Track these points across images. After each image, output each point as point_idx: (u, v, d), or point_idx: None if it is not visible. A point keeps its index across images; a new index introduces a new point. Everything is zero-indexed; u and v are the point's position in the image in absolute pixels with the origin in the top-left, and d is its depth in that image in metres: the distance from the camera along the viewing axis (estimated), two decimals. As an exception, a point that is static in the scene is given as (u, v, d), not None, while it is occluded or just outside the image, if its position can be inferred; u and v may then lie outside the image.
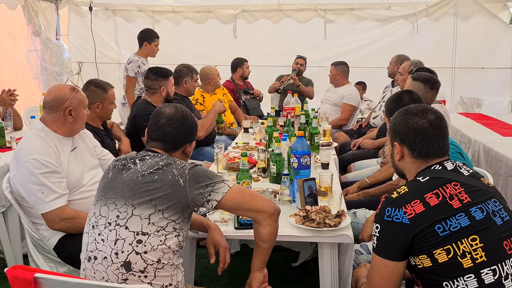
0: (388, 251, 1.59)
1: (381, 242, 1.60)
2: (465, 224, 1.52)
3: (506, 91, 6.98)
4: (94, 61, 7.05)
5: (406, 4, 6.88)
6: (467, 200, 1.56)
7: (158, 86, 3.77)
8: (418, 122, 1.72)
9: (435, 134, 1.71)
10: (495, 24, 6.74)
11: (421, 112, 1.75)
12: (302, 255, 3.32)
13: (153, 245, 1.70)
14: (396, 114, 1.82)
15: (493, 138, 4.27)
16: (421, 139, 1.70)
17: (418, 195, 1.58)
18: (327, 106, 5.62)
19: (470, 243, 1.51)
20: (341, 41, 7.07)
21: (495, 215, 1.57)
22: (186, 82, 4.29)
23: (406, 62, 4.45)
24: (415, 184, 1.65)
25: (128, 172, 1.80)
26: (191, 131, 1.99)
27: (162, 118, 1.93)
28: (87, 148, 2.60)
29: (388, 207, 1.59)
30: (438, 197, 1.56)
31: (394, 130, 1.79)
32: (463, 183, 1.61)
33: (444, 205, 1.55)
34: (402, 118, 1.77)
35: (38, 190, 2.21)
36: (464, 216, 1.54)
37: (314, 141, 3.63)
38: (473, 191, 1.60)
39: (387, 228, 1.58)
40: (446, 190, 1.58)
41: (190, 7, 7.18)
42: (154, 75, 3.80)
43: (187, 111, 2.00)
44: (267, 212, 1.81)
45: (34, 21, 6.48)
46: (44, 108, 2.44)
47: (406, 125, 1.74)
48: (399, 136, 1.76)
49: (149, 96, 3.81)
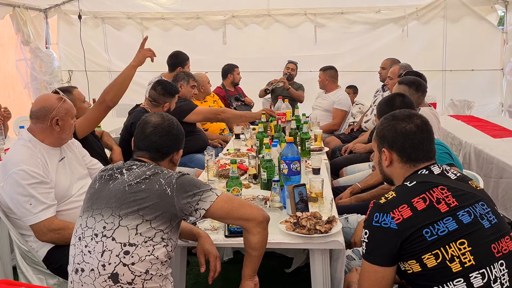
0: (377, 257, 1.58)
1: (370, 247, 1.60)
2: (453, 228, 1.53)
3: (496, 92, 7.03)
4: (84, 69, 7.03)
5: (396, 8, 6.92)
6: (454, 204, 1.56)
7: (163, 102, 3.72)
8: (406, 127, 1.72)
9: (423, 138, 1.72)
10: (484, 27, 6.80)
11: (408, 117, 1.75)
12: (295, 261, 3.31)
13: (140, 256, 1.68)
14: (382, 120, 1.82)
15: (484, 140, 4.29)
16: (410, 143, 1.71)
17: (405, 200, 1.58)
18: (319, 112, 5.62)
19: (458, 247, 1.51)
20: (331, 45, 7.09)
21: (483, 218, 1.58)
22: (181, 86, 4.28)
23: (395, 66, 4.46)
24: (402, 189, 1.65)
25: (115, 182, 1.79)
26: (178, 140, 1.98)
27: (148, 127, 1.92)
28: (75, 157, 2.58)
29: (376, 213, 1.59)
30: (426, 201, 1.56)
31: (381, 136, 1.78)
32: (450, 187, 1.61)
33: (432, 209, 1.55)
34: (389, 124, 1.77)
35: (26, 202, 2.18)
36: (452, 220, 1.54)
37: (305, 146, 3.62)
38: (460, 195, 1.60)
39: (376, 233, 1.58)
40: (433, 194, 1.58)
41: (179, 13, 7.18)
42: (163, 90, 3.74)
43: (173, 120, 1.98)
44: (256, 220, 1.80)
45: (23, 30, 6.45)
46: (31, 118, 2.41)
47: (394, 131, 1.74)
48: (387, 142, 1.76)
49: (150, 107, 3.76)
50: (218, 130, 5.20)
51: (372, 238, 1.59)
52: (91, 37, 7.21)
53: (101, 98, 3.10)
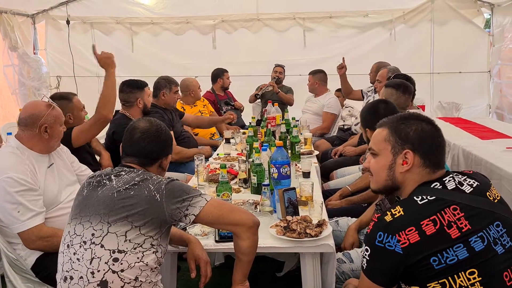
0: (379, 276, 1.49)
1: (371, 266, 1.49)
2: (463, 257, 1.40)
3: (483, 94, 7.11)
4: (73, 75, 6.98)
5: (383, 12, 6.98)
6: (466, 228, 1.43)
7: (134, 99, 3.71)
8: (426, 128, 1.60)
9: (443, 140, 1.61)
10: (470, 29, 6.89)
11: (426, 119, 1.64)
12: (287, 264, 3.31)
13: (130, 263, 1.67)
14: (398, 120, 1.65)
15: (472, 142, 4.33)
16: (436, 146, 1.59)
17: (414, 222, 1.44)
18: (308, 115, 5.63)
19: (467, 276, 1.40)
20: (320, 49, 7.12)
21: (496, 244, 1.45)
22: (164, 95, 4.24)
23: (383, 69, 4.49)
24: (411, 207, 1.49)
25: (103, 189, 1.77)
26: (166, 145, 1.97)
27: (136, 132, 1.91)
28: (64, 164, 2.56)
29: (380, 232, 1.46)
30: (436, 224, 1.43)
31: (404, 137, 1.60)
32: (463, 205, 1.47)
33: (442, 235, 1.42)
34: (413, 123, 1.61)
35: (13, 209, 2.16)
36: (463, 247, 1.41)
37: (295, 150, 3.63)
38: (474, 215, 1.46)
39: (379, 254, 1.46)
40: (445, 216, 1.44)
41: (168, 18, 7.17)
42: (128, 87, 3.73)
43: (161, 125, 1.98)
44: (246, 225, 1.79)
45: (10, 36, 6.40)
46: (19, 125, 2.40)
47: (421, 131, 1.59)
48: (411, 143, 1.58)
49: (126, 110, 3.75)
50: (208, 134, 5.20)
51: (374, 257, 1.48)
52: (79, 42, 7.15)
53: (99, 115, 3.06)
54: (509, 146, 3.91)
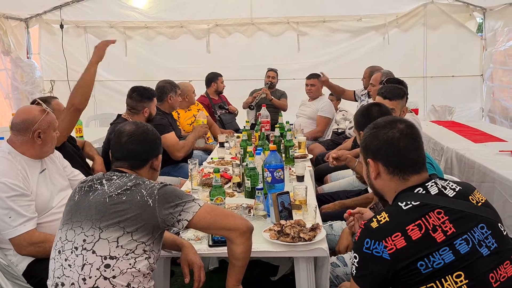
0: (368, 284, 1.50)
1: (361, 273, 1.50)
2: (449, 260, 1.42)
3: (476, 98, 7.17)
4: (66, 79, 6.96)
5: (376, 16, 7.03)
6: (451, 231, 1.45)
7: (142, 108, 3.67)
8: (388, 133, 1.61)
9: (407, 145, 1.60)
10: (463, 33, 6.96)
11: (390, 123, 1.65)
12: (281, 268, 3.30)
13: (122, 269, 1.66)
14: (365, 130, 1.71)
15: (465, 145, 4.35)
16: (393, 151, 1.59)
17: (399, 227, 1.46)
18: (303, 119, 5.63)
19: (454, 280, 1.42)
20: (314, 53, 7.16)
21: (481, 246, 1.47)
22: (171, 98, 4.23)
23: (377, 73, 4.51)
24: (396, 212, 1.51)
25: (95, 194, 1.76)
26: (155, 144, 1.96)
27: (124, 136, 1.90)
28: (56, 169, 2.54)
29: (367, 239, 1.47)
30: (421, 229, 1.44)
31: (365, 147, 1.68)
32: (447, 209, 1.49)
33: (427, 239, 1.44)
34: (371, 133, 1.66)
35: (5, 215, 2.14)
36: (448, 250, 1.43)
37: (289, 153, 3.63)
38: (458, 218, 1.48)
39: (367, 261, 1.47)
40: (429, 220, 1.46)
41: (162, 22, 7.18)
42: (139, 96, 3.68)
43: (147, 126, 1.97)
44: (239, 230, 1.78)
45: (3, 40, 6.38)
46: (12, 130, 2.38)
47: (376, 139, 1.63)
48: (371, 152, 1.65)
49: (130, 116, 3.70)
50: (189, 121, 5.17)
51: (362, 264, 1.49)
52: (73, 46, 7.15)
53: (69, 104, 3.00)
54: (502, 150, 3.94)
